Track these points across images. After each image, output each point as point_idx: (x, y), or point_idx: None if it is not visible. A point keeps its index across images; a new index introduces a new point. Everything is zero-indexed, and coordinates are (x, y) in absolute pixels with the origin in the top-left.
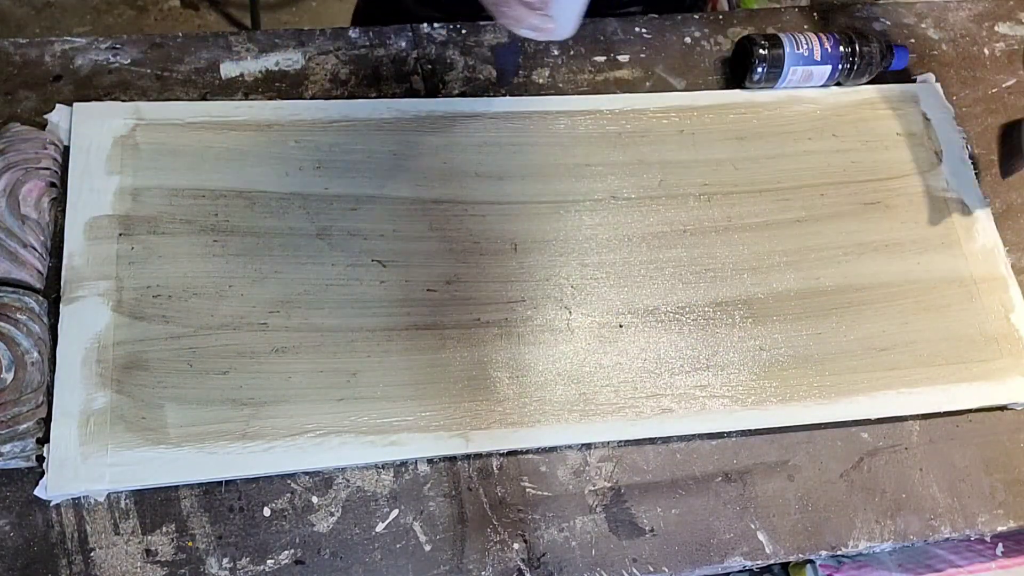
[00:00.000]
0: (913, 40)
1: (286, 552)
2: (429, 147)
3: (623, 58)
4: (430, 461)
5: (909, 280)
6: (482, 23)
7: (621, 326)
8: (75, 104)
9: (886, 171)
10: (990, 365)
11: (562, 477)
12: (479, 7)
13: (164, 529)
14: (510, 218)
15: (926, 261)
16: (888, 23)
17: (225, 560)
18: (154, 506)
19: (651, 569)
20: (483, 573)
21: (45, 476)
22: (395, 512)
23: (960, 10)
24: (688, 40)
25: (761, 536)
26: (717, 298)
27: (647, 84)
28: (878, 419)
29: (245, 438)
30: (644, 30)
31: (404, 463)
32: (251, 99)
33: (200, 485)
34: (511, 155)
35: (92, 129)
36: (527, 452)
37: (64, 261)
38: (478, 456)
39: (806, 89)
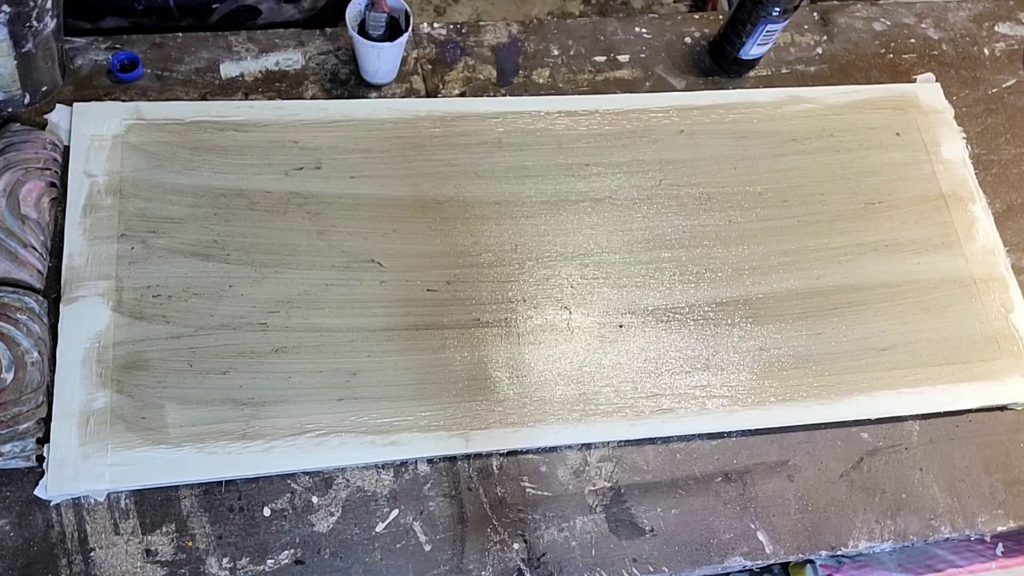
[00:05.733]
0: (913, 40)
1: (286, 552)
2: (429, 147)
3: (623, 58)
4: (430, 461)
5: (909, 280)
6: (482, 23)
7: (621, 326)
8: (75, 104)
9: (885, 171)
10: (990, 365)
11: (562, 477)
12: None
13: (164, 529)
14: (510, 218)
15: (926, 261)
16: (888, 23)
17: (225, 560)
18: (154, 506)
19: (651, 569)
20: (483, 573)
21: (45, 476)
22: (395, 512)
23: (960, 10)
24: (688, 40)
25: (761, 536)
26: (717, 298)
27: (647, 84)
28: (878, 419)
29: (245, 438)
30: (644, 30)
31: (404, 463)
32: (251, 99)
33: (200, 485)
34: (511, 155)
35: (92, 129)
36: (527, 452)
37: (64, 261)
38: (478, 456)
39: (806, 89)
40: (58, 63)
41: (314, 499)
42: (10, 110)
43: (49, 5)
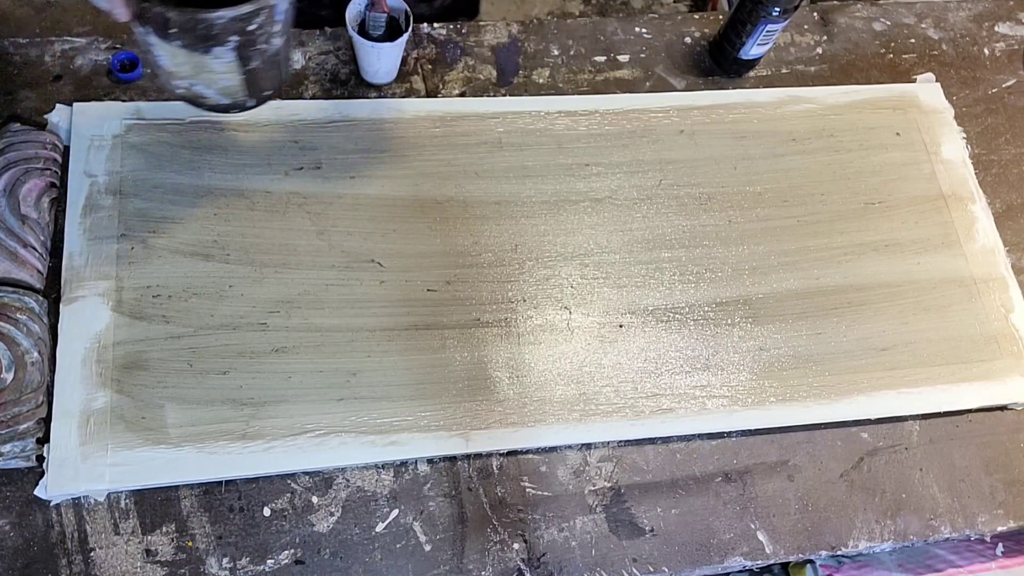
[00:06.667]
0: (913, 40)
1: (286, 552)
2: (429, 147)
3: (623, 58)
4: (430, 461)
5: (909, 280)
6: (482, 23)
7: (621, 326)
8: (75, 104)
9: (885, 171)
10: (990, 365)
11: (562, 477)
12: None
13: (164, 529)
14: (510, 218)
15: (926, 261)
16: (888, 23)
17: (225, 560)
18: (154, 506)
19: (651, 569)
20: (483, 573)
21: (45, 476)
22: (395, 512)
23: (960, 10)
24: (688, 40)
25: (761, 536)
26: (717, 298)
27: (647, 84)
28: (878, 419)
29: (245, 438)
30: (644, 30)
31: (404, 463)
32: None
33: (200, 485)
34: (511, 155)
35: (92, 129)
36: (527, 452)
37: (64, 261)
38: (478, 456)
39: (806, 89)
40: (284, 68)
41: (314, 499)
42: (235, 111)
43: (277, 28)
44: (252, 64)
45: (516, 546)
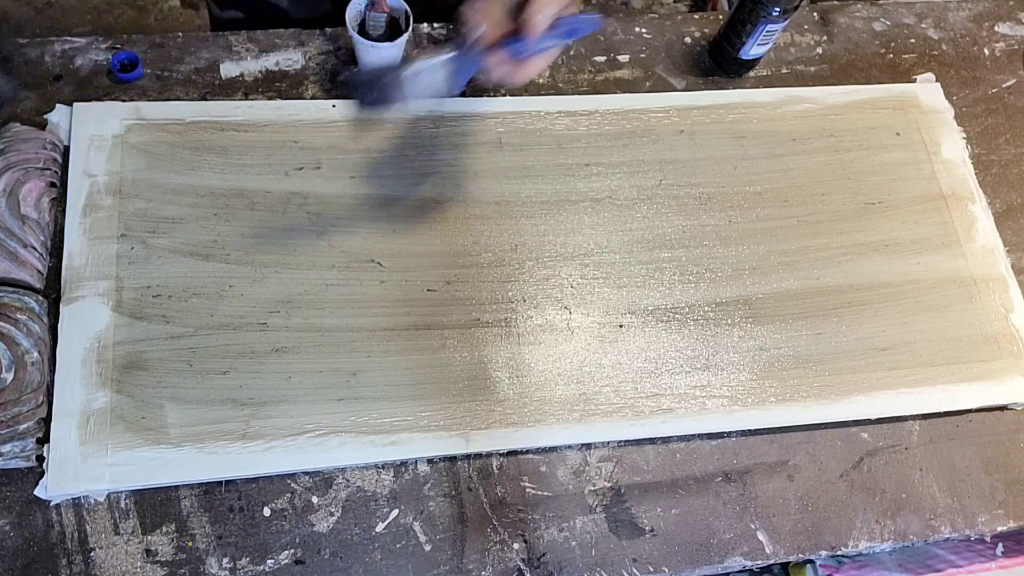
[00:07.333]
0: (913, 40)
1: (286, 552)
2: (429, 147)
3: (623, 58)
4: (430, 461)
5: (909, 280)
6: None
7: (621, 326)
8: (75, 104)
9: (885, 171)
10: (990, 365)
11: (562, 477)
12: None
13: (164, 529)
14: (510, 218)
15: (926, 261)
16: (888, 23)
17: (225, 560)
18: (154, 506)
19: (651, 569)
20: (483, 573)
21: (45, 476)
22: (395, 512)
23: (960, 10)
24: (688, 40)
25: (761, 536)
26: (717, 298)
27: (647, 84)
28: (878, 419)
29: (245, 438)
30: (644, 30)
31: (404, 463)
32: (251, 99)
33: (200, 485)
34: (511, 155)
35: (92, 129)
36: (527, 452)
37: (64, 261)
38: (478, 456)
39: (806, 89)
40: None
41: (314, 499)
42: None
43: None
44: None
45: (516, 546)
